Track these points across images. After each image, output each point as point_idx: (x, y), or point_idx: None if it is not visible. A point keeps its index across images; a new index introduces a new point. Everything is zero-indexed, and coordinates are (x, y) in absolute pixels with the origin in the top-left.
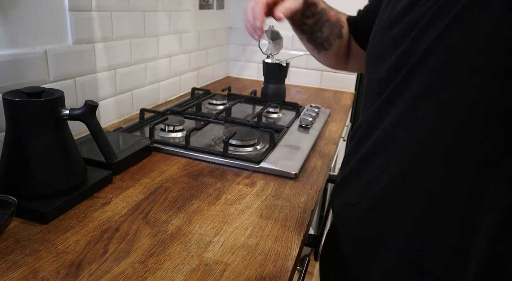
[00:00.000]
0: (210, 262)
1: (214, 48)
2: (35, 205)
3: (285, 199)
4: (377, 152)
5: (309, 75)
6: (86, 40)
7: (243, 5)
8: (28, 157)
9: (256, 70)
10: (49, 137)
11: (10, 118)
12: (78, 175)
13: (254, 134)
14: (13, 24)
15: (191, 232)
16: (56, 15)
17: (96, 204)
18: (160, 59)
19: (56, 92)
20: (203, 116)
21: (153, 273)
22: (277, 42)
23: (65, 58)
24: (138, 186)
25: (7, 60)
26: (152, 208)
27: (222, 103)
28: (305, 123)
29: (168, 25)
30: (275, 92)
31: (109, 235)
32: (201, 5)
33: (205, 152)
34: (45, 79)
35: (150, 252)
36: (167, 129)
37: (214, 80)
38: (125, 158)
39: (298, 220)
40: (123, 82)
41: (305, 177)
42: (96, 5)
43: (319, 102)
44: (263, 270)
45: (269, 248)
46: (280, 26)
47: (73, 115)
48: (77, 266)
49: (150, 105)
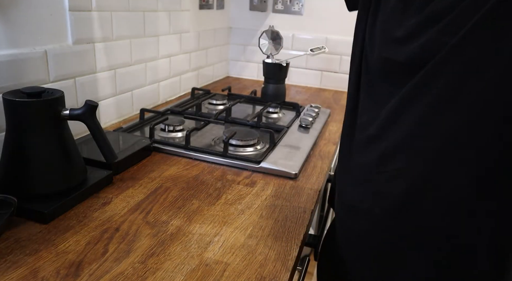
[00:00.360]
0: (210, 262)
1: (214, 48)
2: (35, 205)
3: (285, 199)
4: (395, 153)
5: (309, 75)
6: (86, 40)
7: (243, 5)
8: (28, 157)
9: (256, 70)
10: (49, 137)
11: (10, 118)
12: (78, 175)
13: (254, 134)
14: (13, 24)
15: (191, 232)
16: (56, 15)
17: (96, 204)
18: (160, 59)
19: (56, 92)
20: (203, 116)
21: (153, 273)
22: (277, 42)
23: (65, 58)
24: (138, 186)
25: (7, 60)
26: (152, 208)
27: (222, 103)
28: (305, 123)
29: (168, 25)
30: (275, 92)
31: (109, 235)
32: (201, 5)
33: (205, 152)
34: (45, 79)
35: (150, 252)
36: (167, 129)
37: (214, 80)
38: (125, 158)
39: (298, 220)
40: (123, 82)
41: (305, 177)
42: (96, 5)
43: (319, 102)
44: (263, 270)
45: (269, 248)
46: (280, 26)
47: (73, 115)
48: (77, 266)
49: (150, 105)
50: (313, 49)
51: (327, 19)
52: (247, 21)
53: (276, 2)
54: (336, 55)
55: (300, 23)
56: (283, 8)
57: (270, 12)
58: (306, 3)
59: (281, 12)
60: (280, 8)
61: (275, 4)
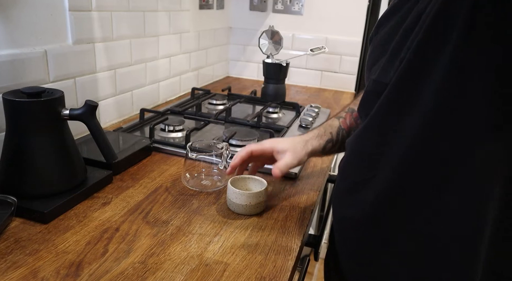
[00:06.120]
0: (210, 262)
1: (214, 48)
2: (35, 205)
3: (285, 199)
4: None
5: (309, 75)
6: (86, 40)
7: (243, 5)
8: (28, 157)
9: (256, 70)
10: (49, 137)
11: (10, 118)
12: (78, 175)
13: (254, 134)
14: (13, 24)
15: (191, 232)
16: (56, 15)
17: (96, 204)
18: (160, 59)
19: (56, 92)
20: (203, 116)
21: (153, 273)
22: (277, 42)
23: (65, 58)
24: (138, 186)
25: (7, 60)
26: (152, 208)
27: (222, 103)
28: (305, 123)
29: (168, 25)
30: (275, 92)
31: (109, 235)
32: (201, 5)
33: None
34: (45, 79)
35: (150, 252)
36: (167, 129)
37: (214, 80)
38: (125, 158)
39: (298, 220)
40: (123, 82)
41: (305, 177)
42: (96, 5)
43: (319, 102)
44: (263, 270)
45: (269, 248)
46: (280, 26)
47: (73, 115)
48: (77, 266)
49: (150, 105)
50: (313, 49)
51: (327, 19)
52: (247, 21)
53: (276, 2)
54: (336, 55)
55: (300, 23)
56: (283, 8)
57: (270, 12)
58: (306, 3)
59: (281, 12)
60: (280, 8)
61: (275, 4)
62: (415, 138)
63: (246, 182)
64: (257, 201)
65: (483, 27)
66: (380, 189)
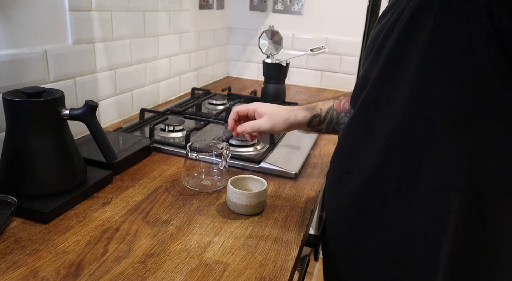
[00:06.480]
0: (210, 262)
1: (214, 48)
2: (35, 205)
3: (285, 199)
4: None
5: (309, 75)
6: (86, 40)
7: (243, 5)
8: (28, 157)
9: (256, 70)
10: (49, 137)
11: (10, 118)
12: (78, 175)
13: None
14: (13, 24)
15: (191, 232)
16: (56, 15)
17: (96, 204)
18: (160, 59)
19: (56, 92)
20: (203, 116)
21: (153, 273)
22: (277, 42)
23: (65, 58)
24: (138, 186)
25: (7, 60)
26: (152, 208)
27: (222, 103)
28: None
29: (168, 25)
30: (275, 92)
31: (109, 235)
32: (201, 5)
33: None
34: (45, 79)
35: (150, 252)
36: (167, 129)
37: (214, 80)
38: (125, 158)
39: (298, 220)
40: (123, 82)
41: (305, 177)
42: (96, 5)
43: None
44: (263, 270)
45: (269, 248)
46: (280, 26)
47: (73, 115)
48: (77, 266)
49: (150, 105)
50: (313, 49)
51: (327, 19)
52: (247, 21)
53: (276, 2)
54: (336, 55)
55: (300, 23)
56: (283, 8)
57: (270, 12)
58: (306, 3)
59: (281, 12)
60: (280, 8)
61: (275, 4)
62: (392, 134)
63: (246, 182)
64: (257, 201)
65: (449, 26)
66: (361, 179)
